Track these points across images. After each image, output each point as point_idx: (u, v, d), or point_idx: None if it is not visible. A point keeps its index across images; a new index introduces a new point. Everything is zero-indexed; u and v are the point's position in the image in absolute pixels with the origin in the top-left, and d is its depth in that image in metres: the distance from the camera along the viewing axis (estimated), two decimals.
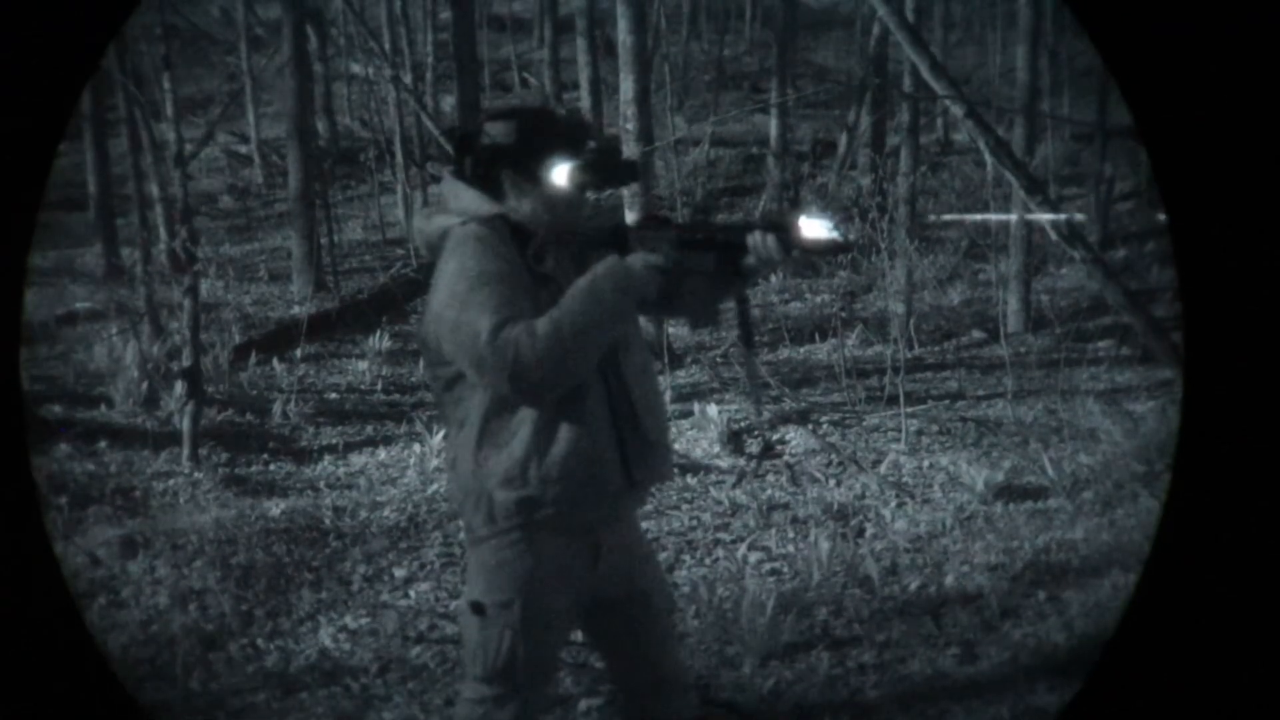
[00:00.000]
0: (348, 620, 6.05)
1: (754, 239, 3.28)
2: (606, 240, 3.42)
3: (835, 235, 3.21)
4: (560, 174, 3.36)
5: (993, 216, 10.13)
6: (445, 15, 20.84)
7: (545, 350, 3.15)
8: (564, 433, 3.34)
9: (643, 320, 3.71)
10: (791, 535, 6.87)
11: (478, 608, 3.44)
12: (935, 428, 9.11)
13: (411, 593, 6.38)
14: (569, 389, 3.29)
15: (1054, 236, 7.71)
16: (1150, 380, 10.13)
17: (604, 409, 3.40)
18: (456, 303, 3.26)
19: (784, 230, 3.25)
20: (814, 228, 3.21)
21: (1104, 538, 6.73)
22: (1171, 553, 2.94)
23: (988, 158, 7.91)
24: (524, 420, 3.33)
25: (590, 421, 3.36)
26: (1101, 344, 11.76)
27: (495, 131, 3.42)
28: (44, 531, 3.19)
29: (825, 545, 6.47)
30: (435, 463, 8.55)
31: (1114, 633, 3.17)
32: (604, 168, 3.41)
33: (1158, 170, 3.20)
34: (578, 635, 3.96)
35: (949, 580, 6.27)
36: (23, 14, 3.06)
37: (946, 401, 10.06)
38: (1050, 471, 7.57)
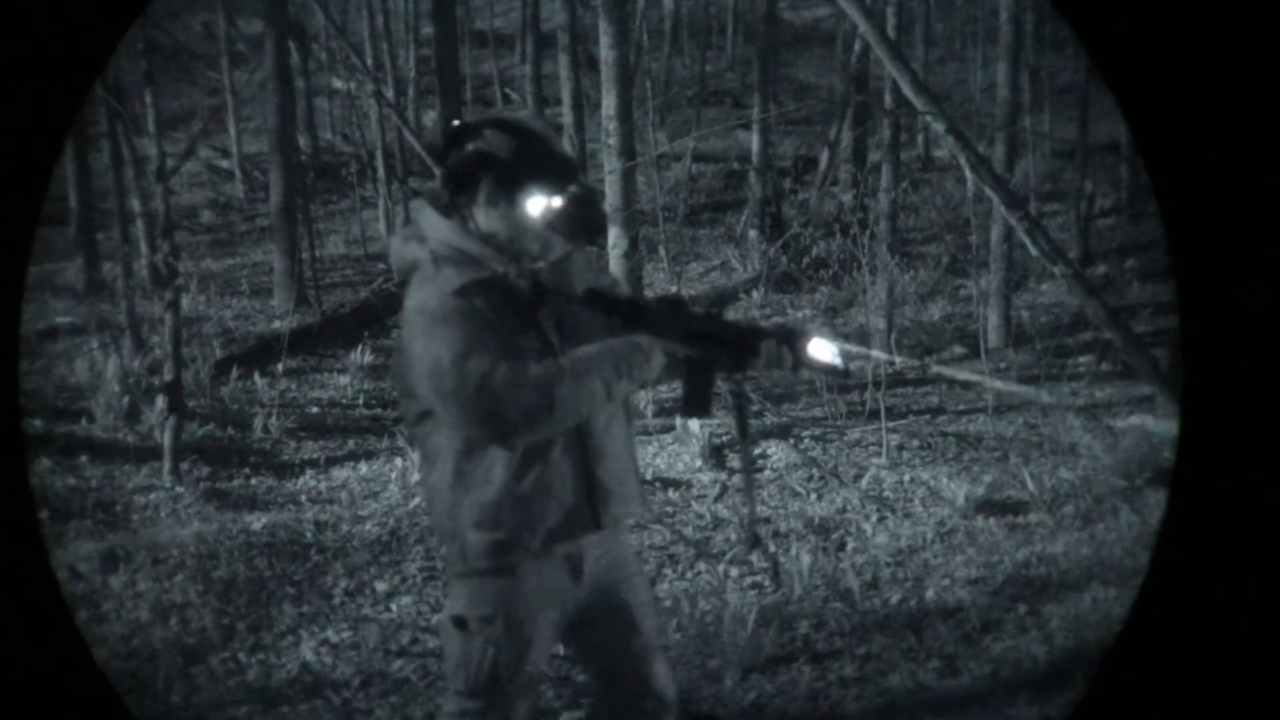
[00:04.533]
0: (329, 634, 6.05)
1: (769, 346, 3.36)
2: (619, 311, 3.41)
3: (837, 362, 3.37)
4: (535, 205, 3.35)
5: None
6: (427, 31, 20.90)
7: (532, 401, 3.17)
8: (535, 476, 3.35)
9: None
10: (773, 549, 6.88)
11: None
12: (916, 442, 9.14)
13: (393, 606, 6.38)
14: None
15: (1034, 252, 7.73)
16: (1130, 395, 10.17)
17: (574, 450, 3.41)
18: (421, 336, 3.30)
19: (797, 346, 3.35)
20: (822, 350, 3.35)
21: (1084, 552, 6.75)
22: (1171, 560, 2.95)
23: (968, 174, 7.93)
24: (495, 462, 3.34)
25: (560, 465, 3.39)
26: (1082, 359, 11.79)
27: (491, 139, 3.38)
28: (40, 542, 3.18)
29: (806, 559, 6.49)
30: (417, 477, 8.53)
31: (1114, 641, 3.17)
32: (576, 218, 3.40)
33: (1154, 176, 3.22)
34: (560, 649, 3.96)
35: (930, 594, 6.29)
36: (24, 27, 3.07)
37: (927, 416, 10.09)
38: (1030, 486, 7.60)
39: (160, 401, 8.93)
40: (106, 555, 6.83)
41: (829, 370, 3.41)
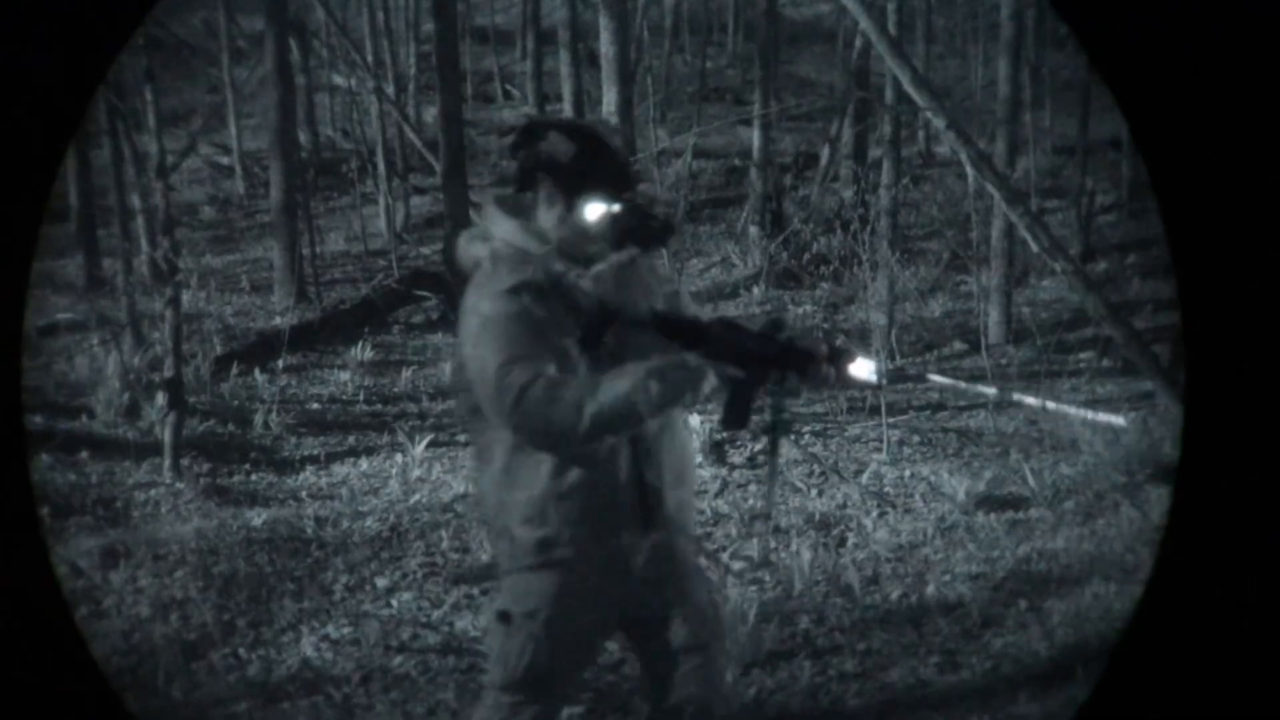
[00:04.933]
0: (330, 630, 6.04)
1: (820, 368, 3.37)
2: (680, 336, 3.39)
3: (873, 379, 3.45)
4: (593, 211, 3.40)
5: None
6: (428, 27, 20.85)
7: (566, 419, 3.23)
8: (584, 475, 3.38)
9: None
10: (774, 545, 6.88)
11: (504, 616, 3.48)
12: (917, 438, 9.13)
13: (394, 602, 6.37)
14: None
15: (1035, 248, 7.74)
16: (1131, 392, 10.17)
17: (624, 451, 3.41)
18: (473, 337, 3.38)
19: (842, 366, 3.38)
20: (864, 369, 3.40)
21: (1085, 547, 6.75)
22: (1175, 557, 2.95)
23: (969, 170, 7.93)
24: (543, 459, 3.37)
25: (611, 464, 3.40)
26: (1082, 355, 11.80)
27: (553, 141, 3.43)
28: (40, 538, 3.17)
29: (807, 555, 6.49)
30: (417, 473, 8.55)
31: (1119, 638, 3.17)
32: (633, 227, 3.44)
33: (1152, 171, 3.21)
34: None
35: (930, 589, 6.28)
36: (33, 26, 3.06)
37: (928, 412, 10.09)
38: (1031, 482, 7.60)
39: (160, 398, 8.93)
40: (107, 551, 6.83)
41: (868, 386, 3.49)
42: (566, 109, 17.36)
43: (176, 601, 6.28)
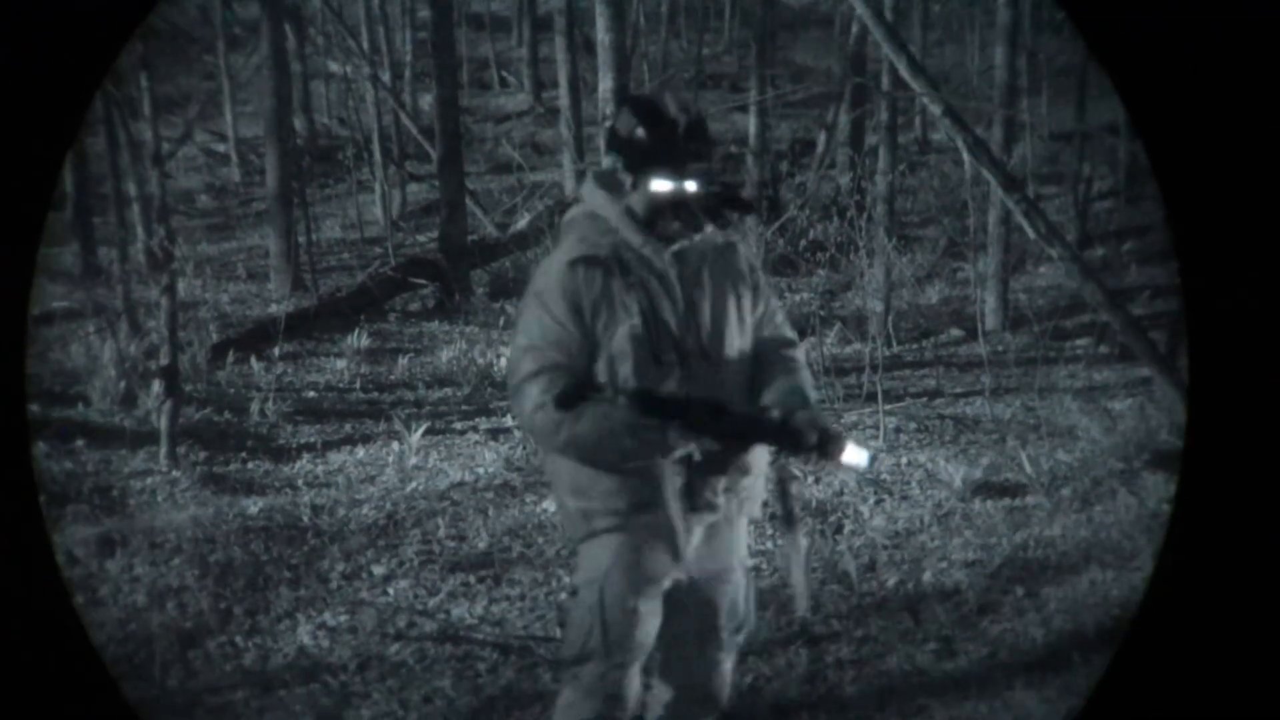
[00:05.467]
0: (326, 618, 6.04)
1: (806, 452, 3.46)
2: (660, 413, 3.40)
3: (865, 466, 3.50)
4: (659, 186, 3.50)
5: None
6: (424, 14, 20.83)
7: (545, 427, 3.42)
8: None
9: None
10: (770, 531, 6.88)
11: (574, 590, 3.71)
12: (913, 425, 9.13)
13: (390, 590, 6.37)
14: None
15: (1032, 235, 7.72)
16: (1128, 378, 10.17)
17: (675, 428, 3.45)
18: (523, 305, 3.59)
19: (831, 450, 3.45)
20: (854, 456, 3.44)
21: (1082, 534, 6.75)
22: (1182, 547, 2.94)
23: (966, 156, 7.91)
24: None
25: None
26: (1079, 342, 11.79)
27: (623, 117, 3.57)
28: (42, 525, 3.17)
29: (804, 542, 6.48)
30: (414, 461, 8.54)
31: (1127, 628, 3.16)
32: (706, 206, 3.52)
33: (1152, 156, 3.20)
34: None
35: (927, 576, 6.28)
36: (39, 18, 3.05)
37: (924, 399, 10.08)
38: (1028, 468, 7.59)
39: (157, 386, 8.91)
40: (103, 539, 6.82)
41: (856, 470, 3.69)
42: (563, 96, 17.35)
43: (173, 590, 6.28)
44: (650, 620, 3.71)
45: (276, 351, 11.66)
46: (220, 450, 8.94)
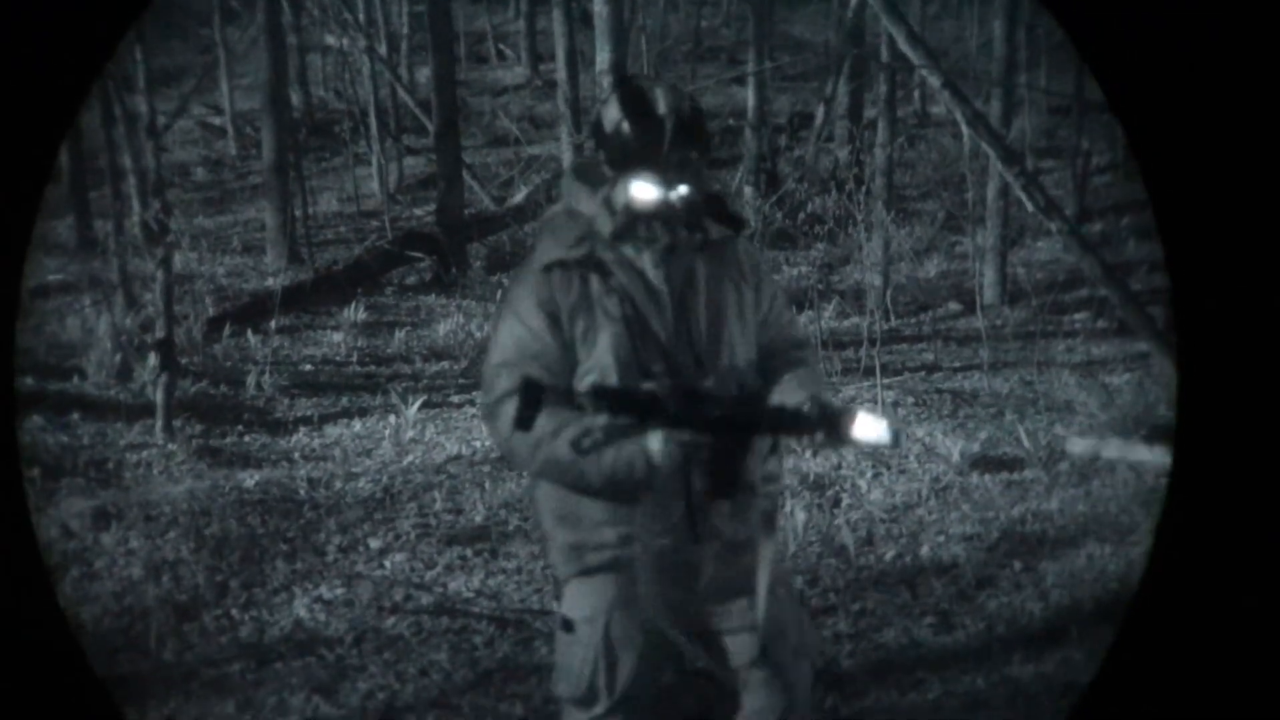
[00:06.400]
0: (322, 591, 6.03)
1: (807, 434, 3.00)
2: (631, 410, 2.96)
3: (886, 438, 2.96)
4: (640, 191, 3.13)
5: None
6: None
7: (519, 450, 3.15)
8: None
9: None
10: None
11: (567, 624, 3.29)
12: (911, 399, 9.12)
13: (387, 563, 6.36)
14: None
15: (1031, 208, 7.70)
16: (1126, 352, 10.16)
17: (681, 470, 3.13)
18: (497, 315, 3.31)
19: (840, 428, 2.97)
20: (870, 429, 2.96)
21: (1080, 509, 6.75)
22: (1177, 536, 2.92)
23: (965, 130, 7.89)
24: None
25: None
26: (1078, 316, 11.79)
27: (608, 108, 3.22)
28: (23, 503, 3.14)
29: (801, 515, 6.48)
30: (410, 434, 8.52)
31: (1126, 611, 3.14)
32: (681, 215, 3.17)
33: (1135, 147, 3.18)
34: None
35: (924, 550, 6.28)
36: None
37: (922, 373, 10.07)
38: (1026, 442, 7.59)
39: (152, 359, 8.88)
40: (98, 512, 6.80)
41: (875, 447, 3.13)
42: (560, 69, 17.27)
43: (168, 563, 6.27)
44: (665, 659, 3.40)
45: (273, 325, 11.62)
46: (216, 423, 8.92)
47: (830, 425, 2.97)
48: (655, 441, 3.00)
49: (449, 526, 6.80)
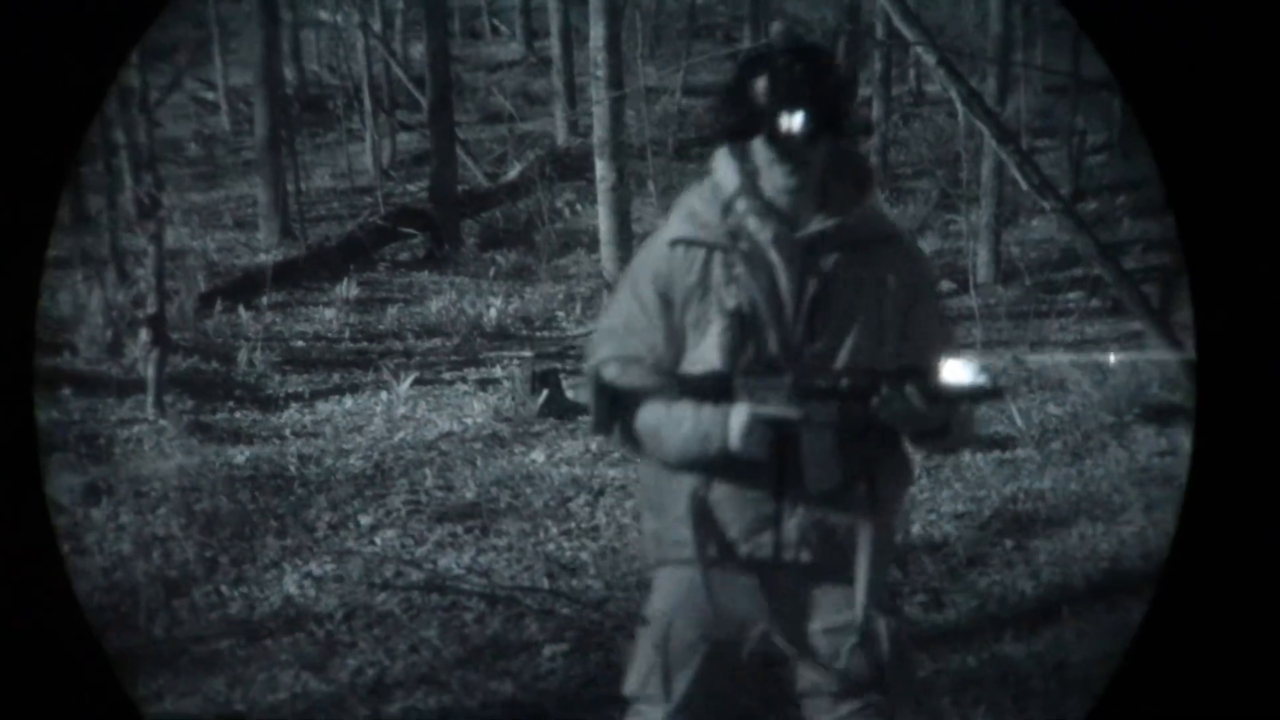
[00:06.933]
0: (313, 567, 6.01)
1: (885, 391, 2.74)
2: (707, 390, 2.81)
3: (982, 381, 2.73)
4: (760, 153, 2.85)
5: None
6: None
7: (596, 420, 2.95)
8: (707, 473, 2.90)
9: None
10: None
11: (644, 618, 3.10)
12: None
13: (377, 540, 6.35)
14: None
15: (1025, 187, 7.67)
16: (1120, 332, 10.14)
17: (773, 456, 2.84)
18: (615, 293, 3.08)
19: (922, 377, 2.72)
20: (957, 372, 2.72)
21: (1072, 487, 6.74)
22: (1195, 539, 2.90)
23: (960, 108, 7.86)
24: None
25: (745, 468, 2.86)
26: (1071, 295, 11.77)
27: (738, 68, 2.92)
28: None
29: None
30: (402, 410, 8.51)
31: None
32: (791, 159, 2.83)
33: (1143, 124, 3.15)
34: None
35: (916, 528, 6.27)
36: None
37: None
38: (1019, 421, 7.58)
39: (144, 334, 8.86)
40: (89, 487, 6.79)
41: (975, 394, 2.78)
42: (554, 45, 17.24)
43: (158, 539, 6.25)
44: (726, 674, 3.05)
45: (265, 300, 11.60)
46: (207, 399, 8.91)
47: (915, 376, 2.73)
48: (739, 414, 2.78)
49: (440, 503, 6.79)
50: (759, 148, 2.83)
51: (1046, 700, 4.57)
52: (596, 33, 10.93)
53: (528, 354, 8.99)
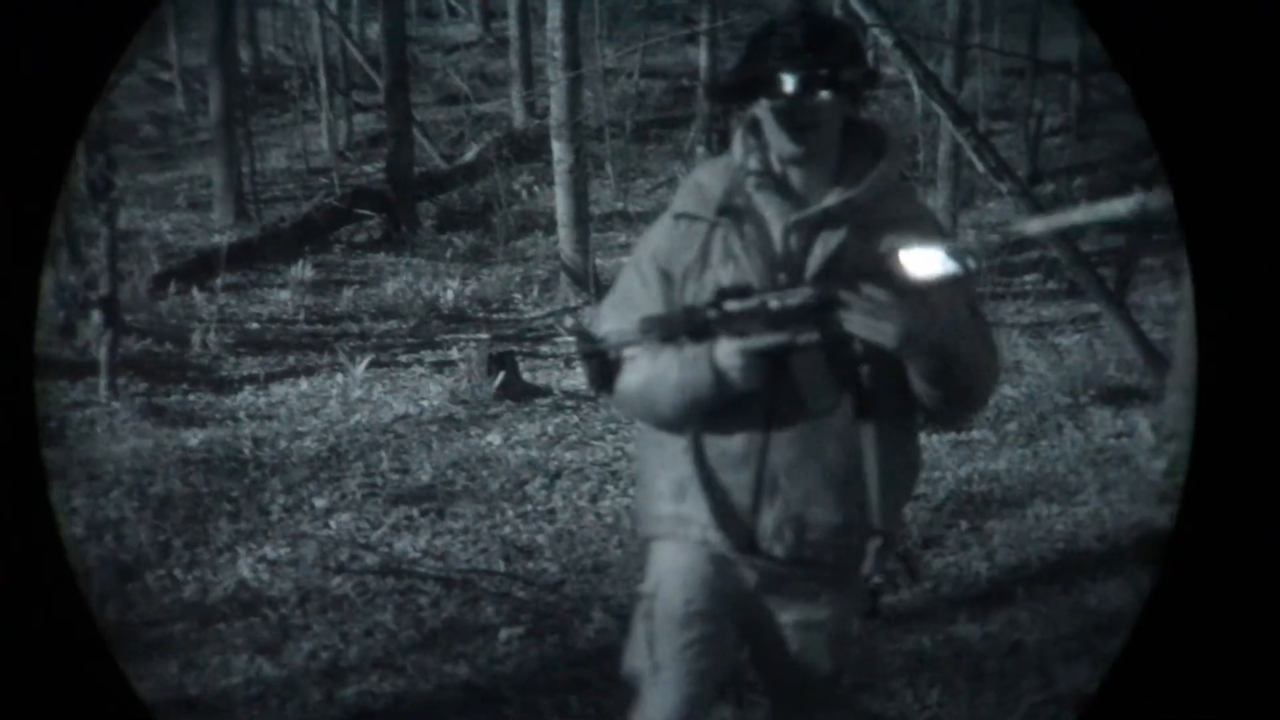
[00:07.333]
0: (267, 550, 5.98)
1: (848, 294, 2.55)
2: (681, 327, 2.69)
3: (952, 267, 2.49)
4: (767, 121, 2.70)
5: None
6: None
7: (592, 379, 2.84)
8: (689, 447, 2.82)
9: None
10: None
11: (639, 594, 3.00)
12: None
13: (332, 523, 6.31)
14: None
15: (982, 169, 7.69)
16: (1076, 313, 10.19)
17: (754, 430, 2.76)
18: (624, 268, 2.97)
19: (885, 274, 2.53)
20: (921, 262, 2.50)
21: (1027, 469, 6.77)
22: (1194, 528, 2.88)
23: (916, 90, 7.87)
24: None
25: (730, 447, 2.78)
26: (1028, 278, 11.81)
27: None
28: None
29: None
30: (358, 393, 8.47)
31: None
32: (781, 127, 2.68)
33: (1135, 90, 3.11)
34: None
35: None
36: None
37: None
38: None
39: (96, 316, 8.78)
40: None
41: (947, 283, 2.51)
42: (512, 26, 17.17)
43: (111, 522, 6.20)
44: (711, 651, 2.91)
45: (219, 282, 11.50)
46: (161, 381, 8.84)
47: (876, 274, 2.54)
48: (727, 354, 2.64)
49: (395, 486, 6.76)
50: (765, 115, 2.69)
51: (1001, 681, 4.58)
52: (554, 13, 10.90)
53: (484, 336, 8.94)
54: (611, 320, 2.85)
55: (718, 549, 2.85)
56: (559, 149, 11.06)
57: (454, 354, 9.48)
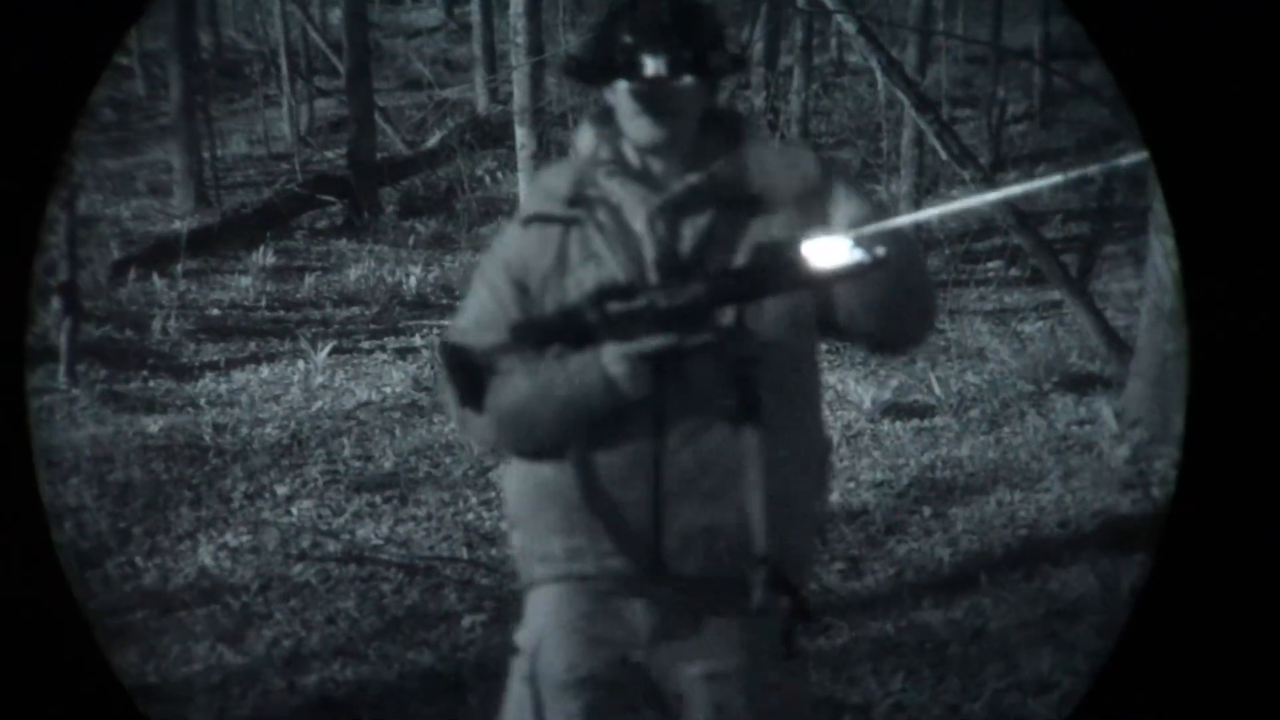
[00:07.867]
0: (228, 538, 5.95)
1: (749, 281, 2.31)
2: (557, 332, 2.43)
3: (860, 257, 2.19)
4: (623, 103, 2.50)
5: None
6: None
7: (484, 426, 2.54)
8: (569, 485, 2.53)
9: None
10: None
11: (513, 647, 2.68)
12: (824, 346, 9.09)
13: (294, 510, 6.28)
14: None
15: (945, 156, 7.71)
16: (1038, 301, 10.22)
17: (641, 457, 2.47)
18: (468, 290, 2.71)
19: (788, 266, 2.21)
20: (826, 253, 2.19)
21: (990, 456, 6.78)
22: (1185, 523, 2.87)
23: (880, 77, 7.87)
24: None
25: (616, 469, 2.50)
26: (991, 265, 11.84)
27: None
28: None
29: None
30: (319, 380, 8.43)
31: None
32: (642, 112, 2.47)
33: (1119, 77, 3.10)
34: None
35: (835, 496, 6.27)
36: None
37: None
38: (937, 390, 7.61)
39: (55, 302, 8.72)
40: None
41: (855, 271, 2.19)
42: (475, 12, 17.10)
43: (71, 509, 6.17)
44: (599, 711, 2.58)
45: (179, 268, 11.44)
46: (121, 368, 8.78)
47: (778, 265, 2.23)
48: (612, 360, 2.39)
49: (357, 473, 6.73)
50: (622, 100, 2.48)
51: (965, 667, 4.59)
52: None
53: (447, 323, 8.91)
54: (470, 338, 2.56)
55: (614, 583, 2.55)
56: (522, 135, 10.98)
57: (417, 340, 9.45)
